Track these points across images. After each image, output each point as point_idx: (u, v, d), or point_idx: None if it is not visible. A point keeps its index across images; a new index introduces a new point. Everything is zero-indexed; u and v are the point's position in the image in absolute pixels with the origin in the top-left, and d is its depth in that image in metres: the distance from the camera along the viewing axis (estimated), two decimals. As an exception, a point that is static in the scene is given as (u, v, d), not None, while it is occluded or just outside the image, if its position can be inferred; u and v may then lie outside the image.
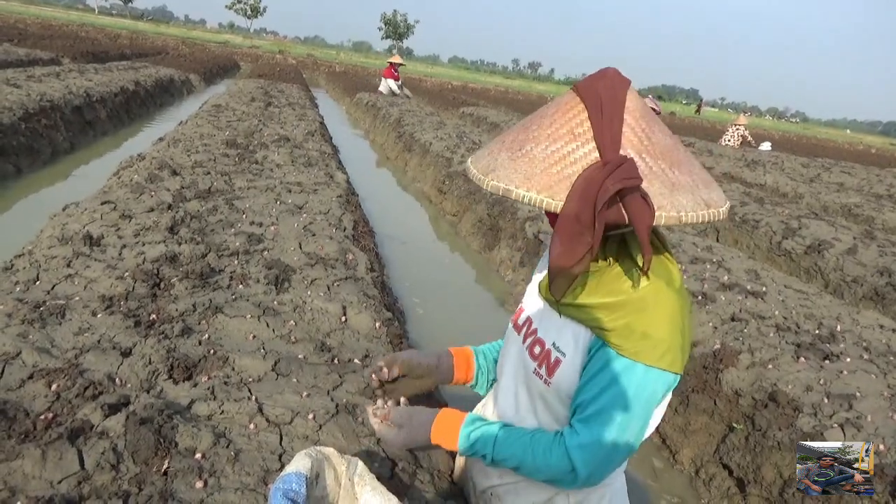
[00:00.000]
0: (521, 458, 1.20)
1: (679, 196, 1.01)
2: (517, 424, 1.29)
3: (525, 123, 1.09)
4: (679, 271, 1.16)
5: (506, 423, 1.27)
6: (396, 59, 16.53)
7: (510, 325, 1.38)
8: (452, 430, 1.27)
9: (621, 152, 1.00)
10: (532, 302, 1.31)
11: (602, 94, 1.02)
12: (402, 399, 1.40)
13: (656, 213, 0.98)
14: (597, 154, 1.00)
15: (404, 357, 1.48)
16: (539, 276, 1.34)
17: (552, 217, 1.07)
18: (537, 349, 1.23)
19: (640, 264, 1.08)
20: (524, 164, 1.02)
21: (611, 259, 1.13)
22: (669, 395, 1.19)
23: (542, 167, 1.00)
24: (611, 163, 0.97)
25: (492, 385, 1.54)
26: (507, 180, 1.01)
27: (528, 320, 1.30)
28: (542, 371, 1.21)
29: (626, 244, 1.11)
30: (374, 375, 1.47)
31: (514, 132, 1.09)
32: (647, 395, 1.11)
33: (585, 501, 1.28)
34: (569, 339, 1.17)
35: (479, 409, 1.50)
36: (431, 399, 2.21)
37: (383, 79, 16.51)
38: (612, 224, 1.00)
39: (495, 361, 1.53)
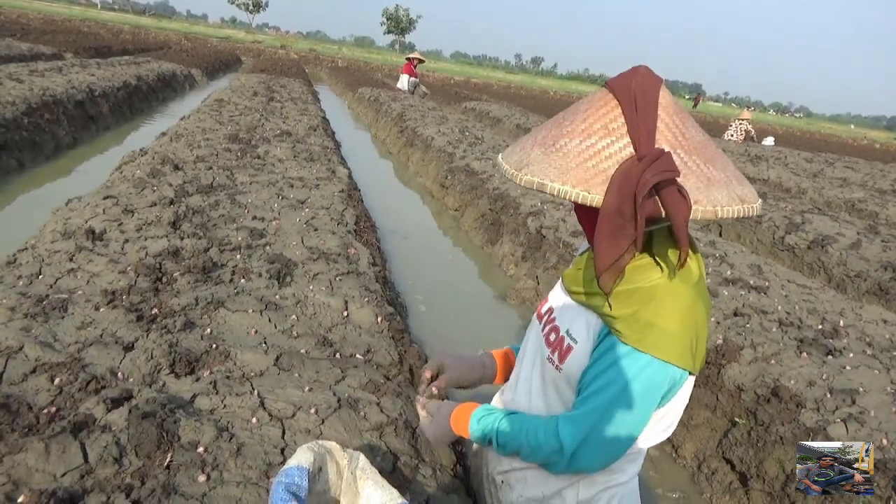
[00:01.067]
0: (518, 438, 1.22)
1: (714, 191, 1.01)
2: (529, 410, 1.30)
3: (557, 120, 1.09)
4: (701, 268, 1.15)
5: (512, 411, 1.30)
6: (416, 56, 16.28)
7: (535, 316, 1.40)
8: (465, 419, 1.31)
9: (656, 147, 1.01)
10: (555, 292, 1.33)
11: (636, 91, 1.02)
12: (436, 391, 1.45)
13: (693, 207, 0.98)
14: (632, 149, 1.01)
15: (450, 370, 1.49)
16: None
17: (583, 211, 1.08)
18: (553, 336, 1.25)
19: (663, 258, 1.09)
20: (558, 158, 1.02)
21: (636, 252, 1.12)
22: (684, 394, 1.18)
23: (576, 162, 1.01)
24: (648, 156, 0.98)
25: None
26: (542, 175, 1.01)
27: (550, 310, 1.32)
28: (555, 357, 1.22)
29: (652, 239, 1.11)
30: (422, 389, 1.48)
31: (545, 129, 1.09)
32: (646, 385, 1.10)
33: (595, 498, 1.28)
34: (581, 327, 1.19)
35: (497, 397, 1.52)
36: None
37: (401, 75, 16.30)
38: (648, 216, 1.00)
39: None
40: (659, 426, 1.21)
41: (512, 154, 1.10)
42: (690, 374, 1.14)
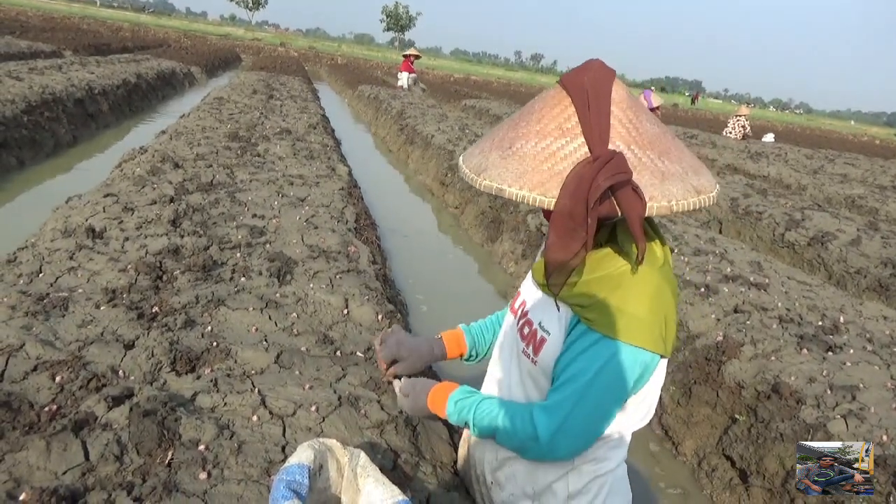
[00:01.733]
0: (494, 423, 1.24)
1: (669, 185, 1.02)
2: (504, 397, 1.34)
3: (514, 120, 1.09)
4: (666, 253, 1.17)
5: (488, 396, 1.33)
6: (413, 52, 16.30)
7: (508, 309, 1.43)
8: (443, 400, 1.35)
9: (610, 145, 1.01)
10: (527, 286, 1.35)
11: (588, 88, 1.02)
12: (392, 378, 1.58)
13: (647, 205, 0.99)
14: (587, 149, 1.01)
15: (404, 361, 1.63)
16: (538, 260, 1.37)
17: (547, 213, 1.08)
18: (526, 329, 1.27)
19: (628, 247, 1.10)
20: (514, 162, 1.02)
21: (601, 243, 1.15)
22: (658, 377, 1.19)
23: (532, 164, 1.01)
24: (601, 158, 0.98)
25: (482, 358, 1.65)
26: (500, 179, 1.02)
27: (523, 303, 1.33)
28: (530, 350, 1.24)
29: (615, 228, 1.13)
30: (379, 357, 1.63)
31: (503, 129, 1.09)
32: (618, 371, 1.11)
33: (585, 488, 1.29)
34: (553, 319, 1.20)
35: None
36: (430, 372, 2.26)
37: (400, 73, 16.30)
38: (604, 217, 1.01)
39: (494, 337, 1.61)
40: (638, 412, 1.23)
41: (472, 157, 1.10)
42: (662, 357, 1.15)
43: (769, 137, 18.37)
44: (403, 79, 15.94)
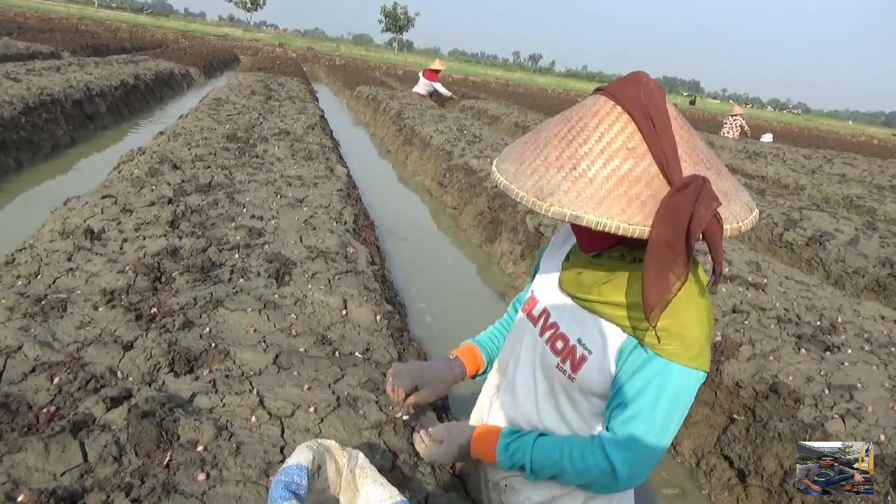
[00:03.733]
0: (560, 463, 1.19)
1: (733, 206, 0.99)
2: (539, 417, 1.28)
3: (564, 136, 1.01)
4: (705, 273, 1.15)
5: (541, 433, 1.26)
6: (437, 66, 15.74)
7: (521, 315, 1.36)
8: (490, 444, 1.28)
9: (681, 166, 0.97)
10: (549, 294, 1.28)
11: (647, 105, 0.98)
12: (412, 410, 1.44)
13: (723, 227, 0.96)
14: (656, 169, 0.97)
15: (426, 388, 1.48)
16: (551, 263, 1.32)
17: (605, 235, 0.99)
18: (559, 344, 1.21)
19: (695, 274, 1.09)
20: (584, 185, 0.95)
21: (640, 258, 1.09)
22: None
23: (606, 189, 0.95)
24: (692, 185, 0.93)
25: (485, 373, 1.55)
26: (575, 206, 0.95)
27: (546, 312, 1.27)
28: (567, 367, 1.19)
29: None
30: (392, 394, 1.49)
31: (554, 146, 1.01)
32: (684, 395, 1.11)
33: (596, 496, 1.28)
34: (595, 337, 1.16)
35: (482, 404, 1.47)
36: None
37: (423, 79, 15.46)
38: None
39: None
40: None
41: (523, 177, 1.01)
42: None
43: (767, 137, 18.39)
44: (437, 86, 15.22)
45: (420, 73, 15.98)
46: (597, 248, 1.16)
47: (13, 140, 6.10)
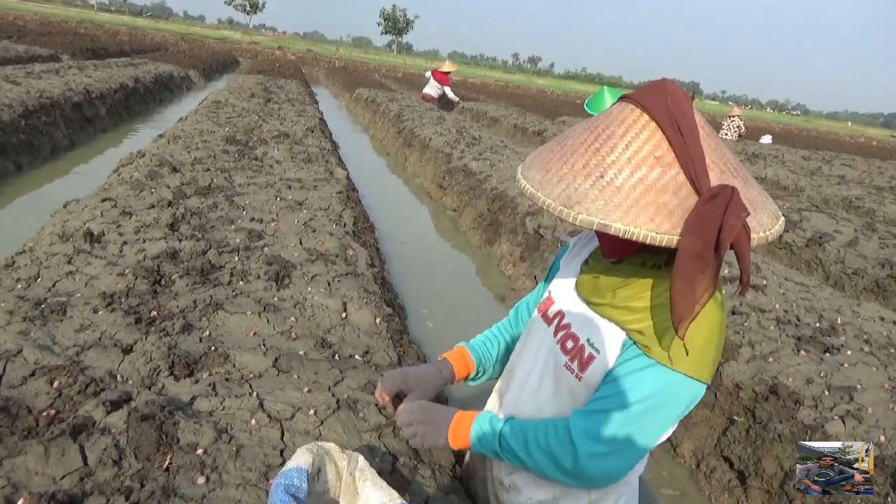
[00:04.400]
0: (525, 446, 1.20)
1: (760, 214, 0.99)
2: (537, 414, 1.28)
3: (591, 144, 1.01)
4: (721, 285, 1.15)
5: (512, 417, 1.28)
6: (447, 67, 15.29)
7: (536, 314, 1.37)
8: (465, 430, 1.29)
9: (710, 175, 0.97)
10: (566, 296, 1.29)
11: (674, 113, 0.98)
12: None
13: (751, 237, 0.95)
14: (683, 178, 0.96)
15: (413, 393, 1.44)
16: (570, 266, 1.33)
17: (628, 243, 1.01)
18: (570, 343, 1.23)
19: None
20: (611, 193, 0.95)
21: (660, 264, 1.12)
22: (693, 405, 1.17)
23: (633, 197, 0.95)
24: (721, 195, 0.93)
25: (491, 375, 1.55)
26: (603, 214, 0.94)
27: (560, 314, 1.28)
28: (574, 366, 1.21)
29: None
30: (379, 399, 1.48)
31: (581, 154, 1.01)
32: (667, 398, 1.10)
33: (604, 497, 1.29)
34: (603, 337, 1.17)
35: (494, 399, 1.47)
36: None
37: (433, 81, 15.02)
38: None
39: (499, 351, 1.55)
40: (667, 433, 1.22)
41: (549, 185, 1.00)
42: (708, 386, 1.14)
43: (766, 139, 18.39)
44: (447, 90, 14.73)
45: (428, 73, 15.40)
46: (619, 254, 1.16)
47: (12, 143, 6.10)
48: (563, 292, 1.31)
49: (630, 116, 1.01)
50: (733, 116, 16.68)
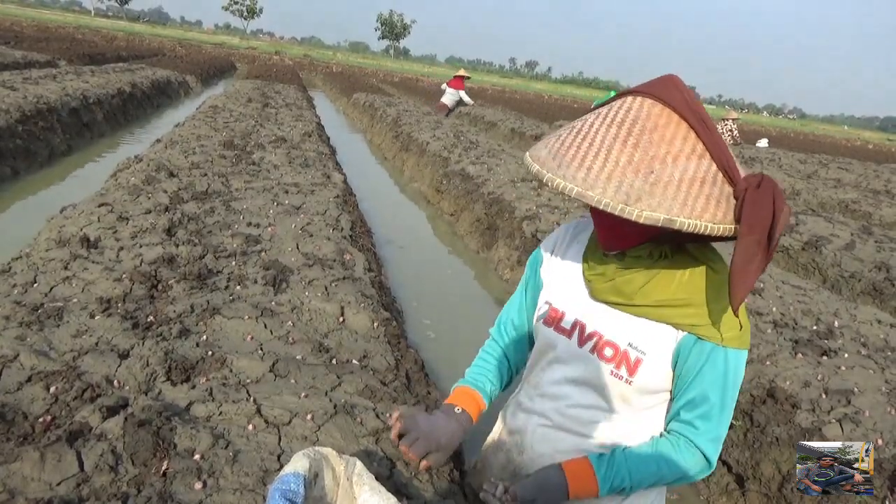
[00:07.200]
0: (658, 472, 1.22)
1: None
2: (585, 426, 1.26)
3: (625, 139, 1.01)
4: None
5: (623, 448, 1.24)
6: (463, 73, 15.53)
7: (547, 329, 1.30)
8: (589, 481, 1.23)
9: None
10: (578, 304, 1.26)
11: (694, 106, 1.03)
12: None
13: None
14: (716, 168, 1.01)
15: (440, 452, 1.30)
16: (562, 271, 1.31)
17: (623, 222, 1.00)
18: (609, 351, 1.21)
19: (712, 255, 1.16)
20: (664, 188, 0.97)
21: (667, 253, 1.15)
22: None
23: (684, 191, 0.98)
24: (764, 182, 0.99)
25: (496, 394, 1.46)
26: (665, 209, 0.96)
27: (579, 323, 1.25)
28: (622, 371, 1.19)
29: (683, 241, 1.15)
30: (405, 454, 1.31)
31: (619, 150, 1.00)
32: (739, 373, 1.19)
33: (634, 496, 1.30)
34: (647, 338, 1.17)
35: (517, 425, 1.39)
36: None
37: (449, 89, 15.02)
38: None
39: (501, 379, 1.47)
40: None
41: (598, 183, 0.98)
42: None
43: (763, 143, 18.45)
44: (462, 95, 14.75)
45: (444, 86, 15.49)
46: (624, 246, 1.16)
47: (9, 148, 6.09)
48: (570, 300, 1.27)
49: (653, 110, 1.03)
50: (727, 120, 16.67)
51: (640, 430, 1.25)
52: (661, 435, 1.25)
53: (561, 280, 1.31)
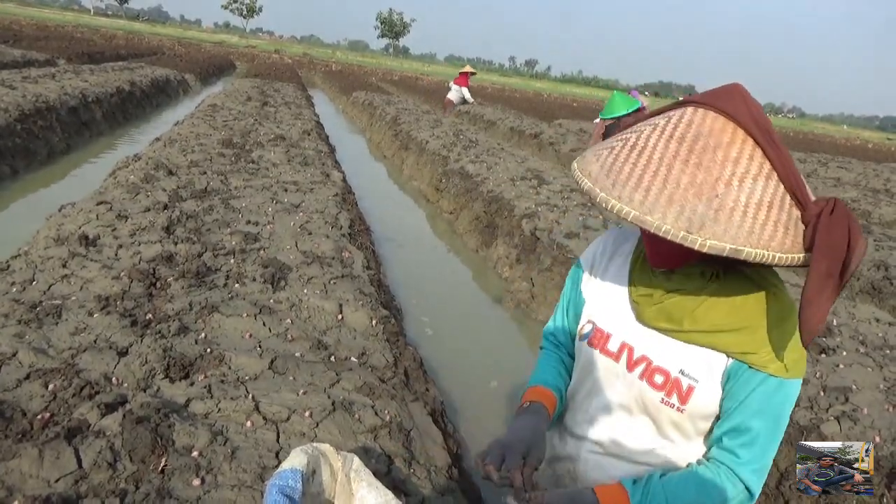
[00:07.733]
0: (698, 500, 1.15)
1: None
2: (639, 453, 1.23)
3: (686, 158, 0.94)
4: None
5: (661, 475, 1.19)
6: (469, 69, 15.66)
7: (591, 350, 1.25)
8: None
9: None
10: (625, 327, 1.21)
11: (761, 121, 0.95)
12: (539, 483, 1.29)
13: None
14: (783, 190, 0.94)
15: (532, 455, 1.17)
16: (607, 288, 1.25)
17: (662, 241, 0.94)
18: (659, 378, 1.16)
19: (773, 282, 1.09)
20: (729, 214, 0.90)
21: (719, 273, 1.09)
22: None
23: (750, 216, 0.91)
24: (837, 208, 0.91)
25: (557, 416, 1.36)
26: (730, 238, 0.89)
27: (627, 346, 1.20)
28: (674, 400, 1.15)
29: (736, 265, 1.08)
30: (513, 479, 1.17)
31: (679, 170, 0.93)
32: (790, 405, 1.12)
33: None
34: (699, 365, 1.13)
35: (566, 451, 1.33)
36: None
37: (454, 86, 15.19)
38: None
39: (565, 386, 1.38)
40: None
41: (657, 207, 0.92)
42: None
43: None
44: (465, 92, 14.83)
45: (450, 83, 15.61)
46: (675, 265, 1.12)
47: (9, 147, 6.09)
48: (615, 321, 1.23)
49: (716, 125, 0.96)
50: None
51: (695, 455, 1.20)
52: (697, 462, 1.18)
53: (605, 298, 1.25)
